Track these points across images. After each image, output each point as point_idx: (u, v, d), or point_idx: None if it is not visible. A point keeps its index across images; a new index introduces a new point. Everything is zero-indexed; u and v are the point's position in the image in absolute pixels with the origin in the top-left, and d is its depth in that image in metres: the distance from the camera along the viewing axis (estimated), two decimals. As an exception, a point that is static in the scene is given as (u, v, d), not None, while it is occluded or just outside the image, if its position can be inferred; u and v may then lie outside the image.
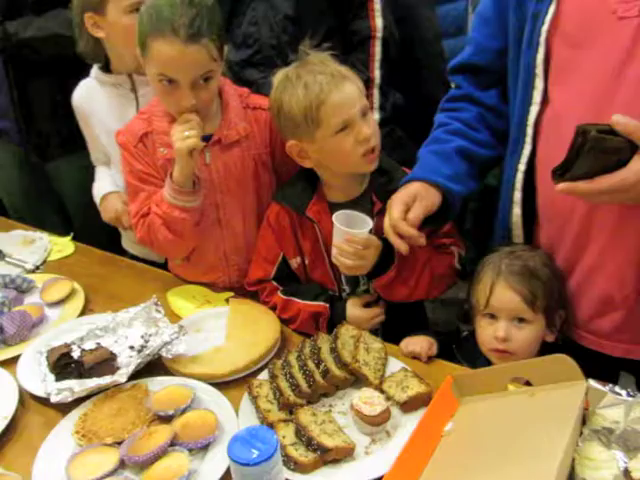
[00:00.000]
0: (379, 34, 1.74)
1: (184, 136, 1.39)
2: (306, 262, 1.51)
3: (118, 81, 1.76)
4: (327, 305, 1.44)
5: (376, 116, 1.79)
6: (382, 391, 1.22)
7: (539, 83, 1.25)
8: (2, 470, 1.11)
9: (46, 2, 1.99)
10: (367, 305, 1.47)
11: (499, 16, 1.33)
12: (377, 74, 1.77)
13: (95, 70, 1.80)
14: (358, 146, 1.35)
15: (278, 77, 1.40)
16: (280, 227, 1.50)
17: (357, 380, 1.27)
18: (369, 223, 1.36)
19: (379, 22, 1.74)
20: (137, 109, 1.74)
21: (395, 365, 1.31)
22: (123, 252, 1.99)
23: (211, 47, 1.37)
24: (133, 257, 1.93)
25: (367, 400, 1.16)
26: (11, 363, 1.40)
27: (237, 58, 1.81)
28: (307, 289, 1.50)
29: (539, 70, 1.24)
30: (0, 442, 1.20)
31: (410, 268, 1.39)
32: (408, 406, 1.20)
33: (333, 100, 1.32)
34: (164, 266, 1.76)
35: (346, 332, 1.33)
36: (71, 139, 2.12)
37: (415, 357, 1.34)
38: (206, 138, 1.48)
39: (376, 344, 1.33)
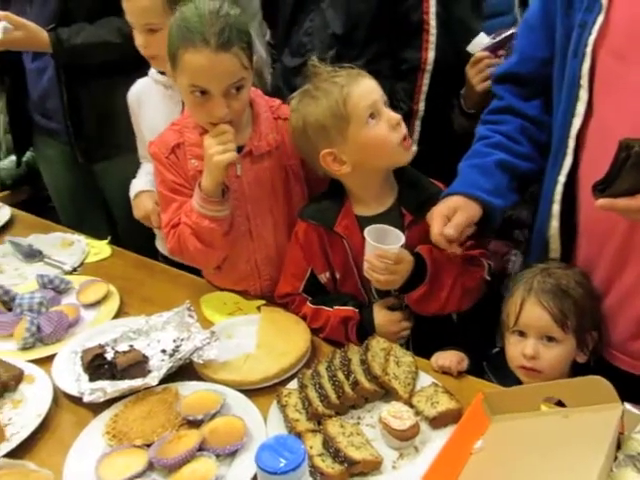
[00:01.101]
0: (429, 67, 1.70)
1: (221, 149, 1.39)
2: (337, 276, 1.50)
3: (169, 83, 1.78)
4: (356, 310, 1.44)
5: (414, 148, 1.76)
6: (411, 405, 1.21)
7: (583, 94, 1.22)
8: (35, 466, 1.13)
9: (99, 10, 2.04)
10: (393, 308, 1.46)
11: (546, 24, 1.31)
12: (421, 106, 1.74)
13: (152, 68, 1.83)
14: (393, 132, 1.36)
15: (295, 98, 1.42)
16: (308, 243, 1.49)
17: (386, 393, 1.26)
18: (401, 238, 1.34)
19: (431, 55, 1.69)
20: (181, 113, 1.77)
21: (425, 380, 1.29)
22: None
23: (242, 55, 1.37)
24: (164, 257, 1.93)
25: (396, 414, 1.15)
26: (47, 362, 1.42)
27: (290, 65, 1.83)
28: (336, 297, 1.49)
29: (584, 81, 1.21)
30: (33, 439, 1.22)
31: (442, 283, 1.38)
32: (437, 422, 1.18)
33: (356, 91, 1.34)
34: (195, 268, 1.77)
35: (377, 344, 1.32)
36: (118, 144, 2.16)
37: (445, 372, 1.33)
38: (237, 150, 1.48)
39: (407, 358, 1.32)
